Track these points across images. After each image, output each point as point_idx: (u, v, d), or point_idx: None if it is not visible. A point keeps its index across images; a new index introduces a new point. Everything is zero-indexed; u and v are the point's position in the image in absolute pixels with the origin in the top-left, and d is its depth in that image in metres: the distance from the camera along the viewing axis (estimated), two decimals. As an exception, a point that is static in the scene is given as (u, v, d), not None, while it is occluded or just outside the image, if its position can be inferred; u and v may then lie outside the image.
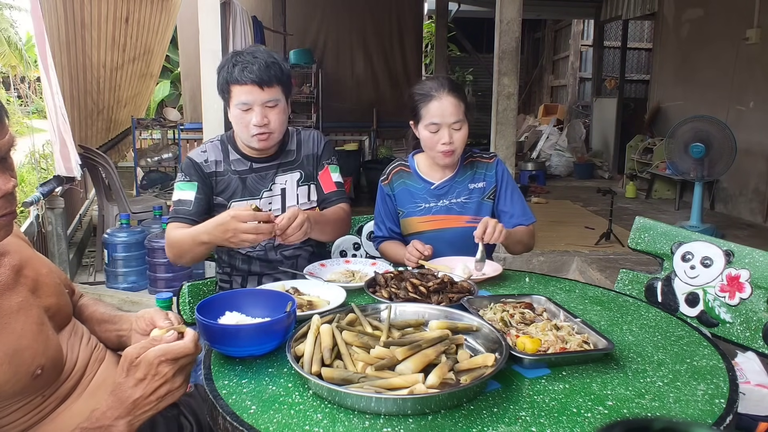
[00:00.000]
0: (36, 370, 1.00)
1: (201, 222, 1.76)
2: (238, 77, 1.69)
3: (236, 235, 1.50)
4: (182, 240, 1.68)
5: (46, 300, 1.10)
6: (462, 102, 1.88)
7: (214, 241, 1.58)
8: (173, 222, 1.77)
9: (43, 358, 1.01)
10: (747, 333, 1.57)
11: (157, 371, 0.93)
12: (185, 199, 1.78)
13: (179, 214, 1.77)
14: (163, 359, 0.93)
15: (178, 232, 1.71)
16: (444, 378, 1.03)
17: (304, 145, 1.92)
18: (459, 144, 1.88)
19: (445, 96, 1.85)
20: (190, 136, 7.76)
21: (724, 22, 6.04)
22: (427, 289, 1.44)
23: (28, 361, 0.99)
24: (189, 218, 1.76)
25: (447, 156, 1.88)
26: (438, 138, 1.86)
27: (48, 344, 1.04)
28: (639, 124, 8.11)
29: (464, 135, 1.88)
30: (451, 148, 1.86)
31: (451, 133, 1.86)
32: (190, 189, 1.79)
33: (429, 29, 11.11)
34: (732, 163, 4.68)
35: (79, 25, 4.49)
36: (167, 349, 0.94)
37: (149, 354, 0.93)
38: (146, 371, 0.93)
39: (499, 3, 4.11)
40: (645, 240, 1.85)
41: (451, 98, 1.85)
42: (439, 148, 1.87)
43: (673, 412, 1.01)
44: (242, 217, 1.49)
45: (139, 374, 0.93)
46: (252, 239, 1.51)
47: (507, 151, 4.24)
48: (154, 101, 10.64)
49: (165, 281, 3.71)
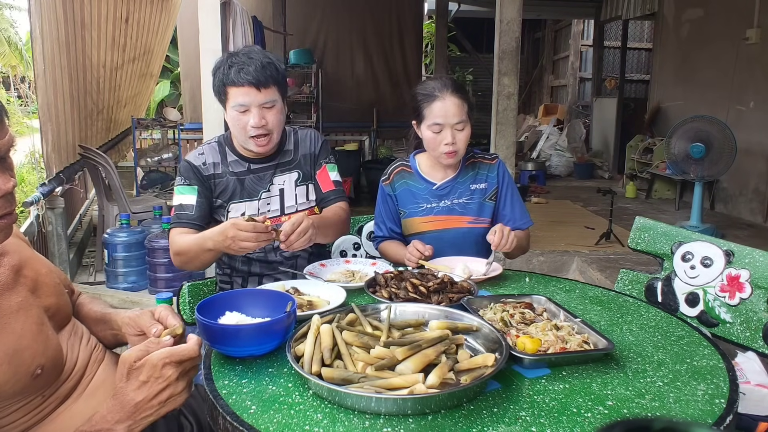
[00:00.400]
0: (36, 370, 0.99)
1: (204, 226, 1.77)
2: (234, 79, 1.68)
3: (235, 242, 1.51)
4: (189, 247, 1.68)
5: (45, 300, 1.09)
6: (465, 102, 1.87)
7: (217, 248, 1.59)
8: (177, 227, 1.77)
9: (42, 358, 1.01)
10: (747, 333, 1.57)
11: (161, 374, 0.92)
12: (187, 204, 1.77)
13: (182, 219, 1.77)
14: (167, 361, 0.92)
15: (184, 239, 1.71)
16: (444, 378, 1.03)
17: (302, 144, 1.92)
18: (462, 145, 1.88)
19: (448, 96, 1.85)
20: (190, 136, 7.76)
21: (724, 22, 6.04)
22: (427, 289, 1.44)
23: (27, 361, 0.99)
24: (192, 223, 1.76)
25: (450, 156, 1.88)
26: (441, 138, 1.85)
27: (48, 344, 1.04)
28: (639, 124, 8.11)
29: (467, 135, 1.88)
30: (453, 148, 1.86)
31: (454, 133, 1.85)
32: (190, 193, 1.78)
33: (429, 29, 11.11)
34: (732, 163, 4.68)
35: (79, 26, 4.49)
36: (172, 351, 0.93)
37: (153, 356, 0.92)
38: (150, 374, 0.92)
39: (499, 3, 4.11)
40: (645, 240, 1.85)
41: (454, 98, 1.85)
42: (442, 149, 1.86)
43: (673, 412, 1.01)
44: (241, 225, 1.50)
45: (143, 377, 0.92)
46: (251, 246, 1.52)
47: (507, 151, 4.24)
48: (154, 101, 10.64)
49: (165, 281, 3.71)
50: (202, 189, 1.80)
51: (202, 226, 1.78)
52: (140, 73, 6.30)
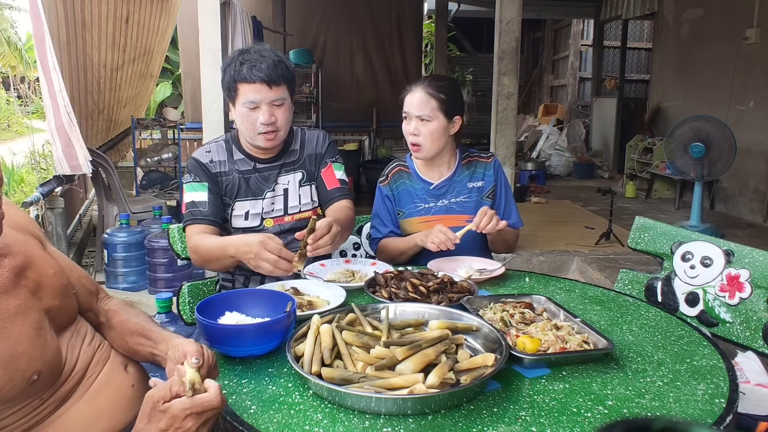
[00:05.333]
0: (32, 375, 0.98)
1: (220, 222, 1.77)
2: (246, 75, 1.69)
3: (256, 259, 1.49)
4: (210, 250, 1.67)
5: (48, 302, 1.08)
6: (435, 99, 1.87)
7: (238, 256, 1.57)
8: (191, 224, 1.76)
9: (39, 364, 1.00)
10: (747, 333, 1.57)
11: (181, 425, 0.91)
12: (199, 201, 1.77)
13: (195, 216, 1.76)
14: (189, 413, 0.90)
15: (206, 241, 1.70)
16: (444, 378, 1.03)
17: (308, 144, 1.92)
18: (425, 139, 1.88)
19: (418, 90, 1.89)
20: (190, 136, 7.75)
21: (724, 22, 6.03)
22: (427, 289, 1.44)
23: (24, 366, 0.97)
24: (206, 219, 1.76)
25: (414, 149, 1.91)
26: (408, 129, 1.91)
27: (45, 349, 1.02)
28: (639, 124, 8.10)
29: (431, 130, 1.88)
30: (415, 140, 1.88)
31: (417, 125, 1.88)
32: (201, 190, 1.78)
33: (429, 29, 11.10)
34: (732, 163, 4.68)
35: (80, 26, 4.49)
36: (194, 402, 0.91)
37: (175, 406, 0.91)
38: (170, 423, 0.91)
39: (499, 3, 4.12)
40: (645, 240, 1.85)
41: (423, 92, 1.88)
42: (408, 139, 1.91)
43: (673, 411, 1.01)
44: (269, 246, 1.48)
45: (162, 425, 0.91)
46: (267, 269, 1.49)
47: (507, 150, 4.25)
48: (155, 101, 10.63)
49: (165, 281, 3.71)
50: (212, 185, 1.80)
51: (218, 222, 1.78)
52: (140, 73, 6.29)
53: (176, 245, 1.88)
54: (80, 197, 5.58)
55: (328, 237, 1.53)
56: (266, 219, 1.85)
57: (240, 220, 1.83)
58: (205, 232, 1.74)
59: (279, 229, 1.85)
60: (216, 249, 1.65)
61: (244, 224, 1.83)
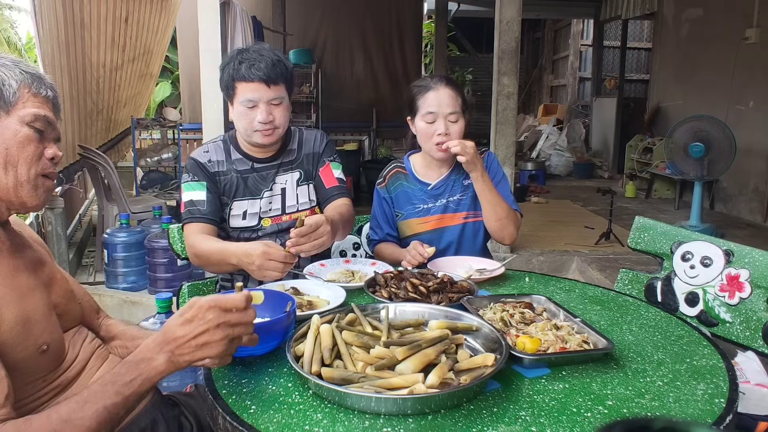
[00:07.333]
0: (42, 345, 1.03)
1: (218, 221, 1.78)
2: (245, 74, 1.69)
3: (261, 270, 1.52)
4: (210, 254, 1.68)
5: (56, 299, 1.13)
6: (459, 96, 1.88)
7: (240, 266, 1.59)
8: (190, 223, 1.77)
9: (48, 337, 1.05)
10: (747, 333, 1.57)
11: (204, 316, 0.96)
12: (198, 200, 1.78)
13: (194, 214, 1.77)
14: (212, 305, 0.96)
15: (206, 245, 1.70)
16: (444, 378, 1.03)
17: (306, 144, 1.92)
18: (455, 138, 1.86)
19: (442, 87, 1.86)
20: (189, 136, 7.75)
21: (724, 22, 6.04)
22: (427, 289, 1.44)
23: (36, 333, 1.03)
24: (205, 218, 1.76)
25: (441, 149, 1.86)
26: (434, 129, 1.86)
27: (54, 329, 1.08)
28: (639, 124, 8.11)
29: (460, 129, 1.87)
30: (446, 140, 1.85)
31: (447, 124, 1.85)
32: (200, 189, 1.79)
33: (429, 29, 11.11)
34: (732, 163, 4.68)
35: (79, 26, 4.49)
36: (218, 297, 0.98)
37: (202, 299, 0.97)
38: (195, 313, 0.96)
39: (499, 3, 4.11)
40: (645, 240, 1.85)
41: (448, 90, 1.86)
42: (435, 140, 1.86)
43: (673, 411, 1.01)
44: (273, 256, 1.51)
45: (188, 315, 0.97)
46: (275, 277, 1.53)
47: (507, 150, 4.25)
48: (154, 101, 10.63)
49: (165, 281, 3.70)
50: (210, 185, 1.80)
51: (216, 221, 1.78)
52: (140, 73, 6.30)
53: (176, 245, 1.88)
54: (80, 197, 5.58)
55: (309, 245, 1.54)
56: (264, 218, 1.85)
57: (238, 220, 1.83)
58: (203, 231, 1.75)
59: (277, 229, 1.85)
60: (217, 255, 1.66)
61: (241, 224, 1.83)
